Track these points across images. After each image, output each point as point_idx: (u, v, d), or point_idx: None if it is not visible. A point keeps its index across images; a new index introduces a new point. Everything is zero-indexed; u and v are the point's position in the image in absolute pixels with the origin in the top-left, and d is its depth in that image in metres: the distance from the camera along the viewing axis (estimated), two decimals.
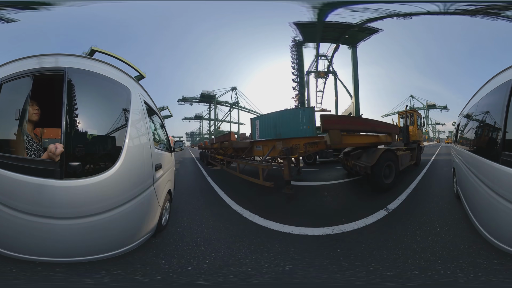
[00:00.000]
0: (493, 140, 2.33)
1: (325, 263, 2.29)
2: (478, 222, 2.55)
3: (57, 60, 2.02)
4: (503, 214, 1.99)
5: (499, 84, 2.38)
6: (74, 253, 1.95)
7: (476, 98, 3.34)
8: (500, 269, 2.03)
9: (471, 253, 2.32)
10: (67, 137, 1.80)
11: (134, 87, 2.44)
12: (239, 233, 3.03)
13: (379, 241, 2.73)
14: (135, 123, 2.24)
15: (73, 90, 1.90)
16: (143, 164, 2.32)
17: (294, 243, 2.74)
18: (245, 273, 2.12)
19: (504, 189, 1.97)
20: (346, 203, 4.64)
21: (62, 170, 1.75)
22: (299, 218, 3.52)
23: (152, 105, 3.16)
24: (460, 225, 3.03)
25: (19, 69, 1.95)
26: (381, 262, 2.25)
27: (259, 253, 2.47)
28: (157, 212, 2.64)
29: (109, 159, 1.98)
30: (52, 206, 1.77)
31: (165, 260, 2.30)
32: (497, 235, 2.15)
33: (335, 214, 3.84)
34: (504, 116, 2.07)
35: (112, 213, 1.95)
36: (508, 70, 2.29)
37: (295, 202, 4.50)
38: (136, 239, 2.25)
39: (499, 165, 2.05)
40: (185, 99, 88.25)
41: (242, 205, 4.26)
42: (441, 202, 4.15)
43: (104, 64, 2.22)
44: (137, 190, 2.19)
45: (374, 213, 3.65)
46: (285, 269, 2.18)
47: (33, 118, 2.22)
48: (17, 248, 1.89)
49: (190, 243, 2.71)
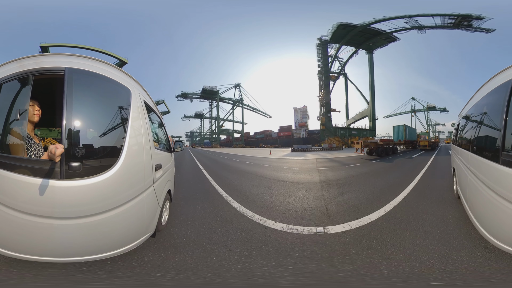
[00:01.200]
0: (493, 140, 2.33)
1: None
2: (478, 222, 2.56)
3: (57, 60, 2.02)
4: (503, 214, 2.00)
5: (498, 84, 2.38)
6: (74, 252, 1.94)
7: (476, 98, 3.34)
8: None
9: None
10: (67, 137, 1.80)
11: (134, 87, 2.44)
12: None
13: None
14: (135, 123, 2.24)
15: (73, 90, 1.89)
16: (143, 164, 2.32)
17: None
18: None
19: (504, 189, 1.97)
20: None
21: (62, 171, 1.75)
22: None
23: (152, 105, 3.16)
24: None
25: (19, 69, 1.95)
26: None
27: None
28: (157, 212, 2.64)
29: (109, 159, 1.97)
30: (53, 206, 1.76)
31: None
32: (497, 235, 2.15)
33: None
34: (504, 116, 2.07)
35: (112, 213, 1.95)
36: (507, 70, 2.30)
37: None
38: (135, 238, 2.25)
39: (499, 165, 2.05)
40: (185, 95, 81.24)
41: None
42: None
43: (105, 64, 2.21)
44: (137, 190, 2.19)
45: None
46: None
47: (33, 118, 2.22)
48: (17, 248, 1.88)
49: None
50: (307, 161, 14.64)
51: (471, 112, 3.49)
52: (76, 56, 2.09)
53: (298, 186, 6.30)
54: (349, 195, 5.13)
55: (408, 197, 4.77)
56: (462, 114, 4.61)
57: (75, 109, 1.86)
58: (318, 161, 14.74)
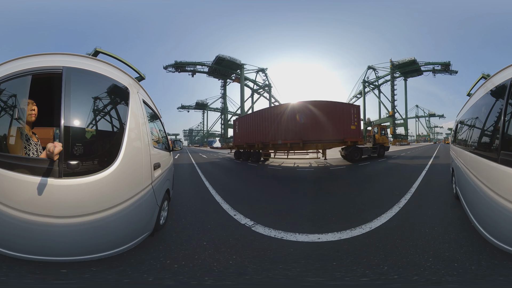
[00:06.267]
0: (492, 140, 2.34)
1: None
2: (478, 222, 2.55)
3: (55, 59, 2.02)
4: (502, 213, 1.99)
5: (497, 84, 2.38)
6: (73, 251, 1.94)
7: (475, 97, 3.34)
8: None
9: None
10: (66, 136, 1.79)
11: (132, 86, 2.44)
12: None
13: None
14: (133, 122, 2.24)
15: (71, 89, 1.89)
16: (142, 163, 2.32)
17: None
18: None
19: (503, 189, 1.98)
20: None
21: (61, 169, 1.75)
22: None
23: (151, 104, 3.16)
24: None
25: (16, 68, 1.95)
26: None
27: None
28: (155, 211, 2.64)
29: (108, 158, 1.97)
30: (51, 205, 1.76)
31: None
32: (497, 235, 2.15)
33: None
34: (503, 115, 2.07)
35: (111, 211, 1.95)
36: (506, 70, 2.30)
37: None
38: (134, 238, 2.25)
39: (498, 164, 2.05)
40: (180, 64, 58.07)
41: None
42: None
43: (103, 63, 2.21)
44: (136, 189, 2.19)
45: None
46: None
47: (31, 118, 2.21)
48: (15, 247, 1.88)
49: None
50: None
51: (470, 112, 3.49)
52: (74, 55, 2.09)
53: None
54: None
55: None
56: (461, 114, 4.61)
57: (73, 108, 1.86)
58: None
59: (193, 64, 57.52)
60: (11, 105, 1.94)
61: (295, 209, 4.17)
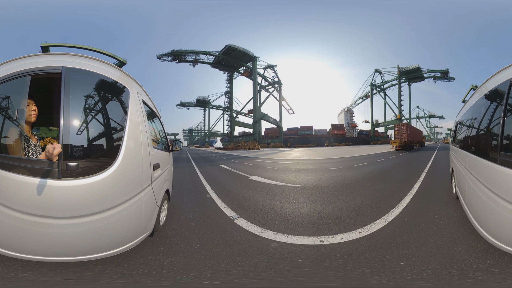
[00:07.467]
0: (491, 141, 2.34)
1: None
2: (477, 222, 2.56)
3: (55, 60, 2.01)
4: (502, 213, 2.00)
5: (497, 84, 2.38)
6: (72, 252, 1.94)
7: (474, 98, 3.34)
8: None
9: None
10: (65, 137, 1.79)
11: (132, 86, 2.43)
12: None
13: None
14: (133, 123, 2.23)
15: (71, 90, 1.89)
16: (141, 163, 2.31)
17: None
18: None
19: (503, 189, 1.98)
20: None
21: (60, 170, 1.74)
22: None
23: (150, 104, 3.16)
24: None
25: (16, 69, 1.94)
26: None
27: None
28: (155, 211, 2.64)
29: (107, 158, 1.97)
30: (50, 206, 1.76)
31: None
32: (497, 235, 2.15)
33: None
34: (502, 116, 2.07)
35: (110, 212, 1.95)
36: (505, 70, 2.30)
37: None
38: (133, 238, 2.25)
39: (497, 165, 2.05)
40: (178, 53, 52.76)
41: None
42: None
43: (103, 63, 2.21)
44: (135, 190, 2.18)
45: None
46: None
47: (30, 118, 2.21)
48: (15, 248, 1.88)
49: None
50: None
51: (470, 112, 3.49)
52: (74, 56, 2.08)
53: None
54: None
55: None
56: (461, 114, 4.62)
57: (72, 109, 1.85)
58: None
59: (195, 53, 51.71)
60: (10, 106, 1.94)
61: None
